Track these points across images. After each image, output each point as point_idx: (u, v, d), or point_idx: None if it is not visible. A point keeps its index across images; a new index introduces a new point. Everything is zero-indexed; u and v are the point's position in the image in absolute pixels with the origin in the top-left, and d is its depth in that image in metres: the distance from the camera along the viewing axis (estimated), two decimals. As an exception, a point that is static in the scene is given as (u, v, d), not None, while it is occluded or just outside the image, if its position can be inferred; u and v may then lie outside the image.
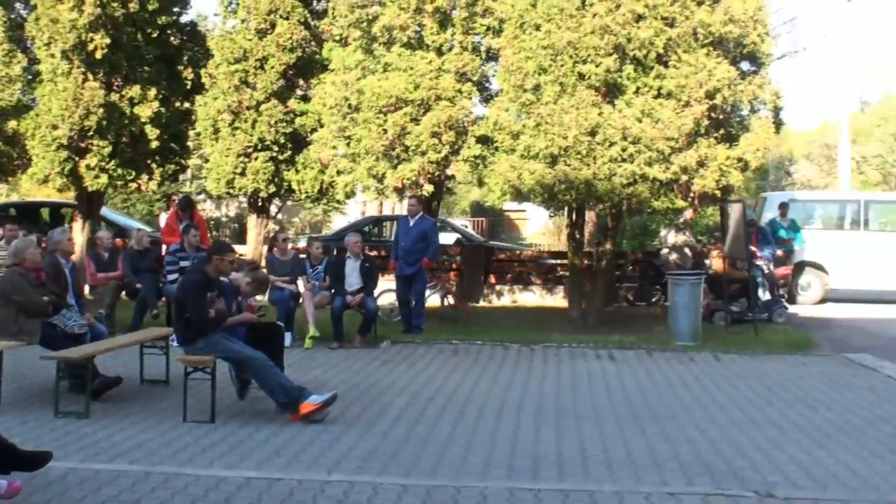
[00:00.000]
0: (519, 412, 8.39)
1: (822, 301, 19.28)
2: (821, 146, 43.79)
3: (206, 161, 17.96)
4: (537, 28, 13.14)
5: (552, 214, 16.51)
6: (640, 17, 12.74)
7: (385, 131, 13.72)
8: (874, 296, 19.11)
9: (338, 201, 20.62)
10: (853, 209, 20.36)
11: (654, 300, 18.20)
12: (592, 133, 12.70)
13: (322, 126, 15.21)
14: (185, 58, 17.91)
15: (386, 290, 14.62)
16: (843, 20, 30.70)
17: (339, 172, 14.77)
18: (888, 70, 74.88)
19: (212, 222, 33.25)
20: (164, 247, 14.43)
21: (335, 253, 15.77)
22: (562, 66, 12.90)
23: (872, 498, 5.93)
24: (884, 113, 48.73)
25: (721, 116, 13.15)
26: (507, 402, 8.83)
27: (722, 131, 13.22)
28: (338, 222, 37.09)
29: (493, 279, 19.61)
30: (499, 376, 10.33)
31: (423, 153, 13.62)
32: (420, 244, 13.33)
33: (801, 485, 6.13)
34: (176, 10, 17.54)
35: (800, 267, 19.08)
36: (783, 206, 18.71)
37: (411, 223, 13.54)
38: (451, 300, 16.43)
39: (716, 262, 16.10)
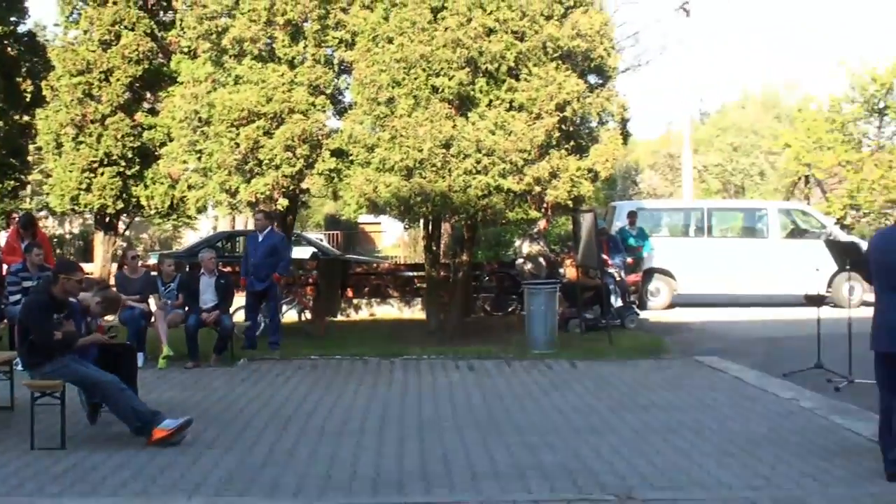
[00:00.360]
0: (382, 426, 8.34)
1: (671, 306, 19.94)
2: (665, 156, 45.42)
3: (49, 176, 17.25)
4: (390, 41, 13.15)
5: (407, 227, 16.56)
6: (491, 31, 12.90)
7: (237, 145, 13.46)
8: (720, 299, 19.88)
9: (189, 217, 20.14)
10: (697, 217, 21.17)
11: (510, 310, 18.44)
12: (447, 145, 12.78)
13: (171, 140, 14.81)
14: (24, 69, 17.19)
15: (241, 307, 14.33)
16: (684, 35, 31.92)
17: (190, 187, 14.41)
18: (725, 82, 78.24)
19: (55, 240, 31.97)
20: (4, 267, 13.75)
21: (188, 269, 15.37)
22: (415, 79, 12.94)
23: (726, 495, 6.13)
24: (721, 124, 50.96)
25: (571, 128, 13.44)
26: (369, 417, 8.76)
27: (573, 143, 13.51)
28: (189, 238, 36.23)
29: (350, 293, 19.48)
30: (359, 391, 10.25)
31: (277, 167, 13.42)
32: (270, 259, 13.15)
33: (659, 486, 6.29)
34: (13, 19, 16.83)
35: (649, 273, 19.68)
36: (632, 215, 19.27)
37: (260, 238, 13.36)
38: (308, 315, 16.24)
39: (569, 271, 16.44)
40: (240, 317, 13.58)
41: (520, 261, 16.68)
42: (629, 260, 17.82)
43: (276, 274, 13.20)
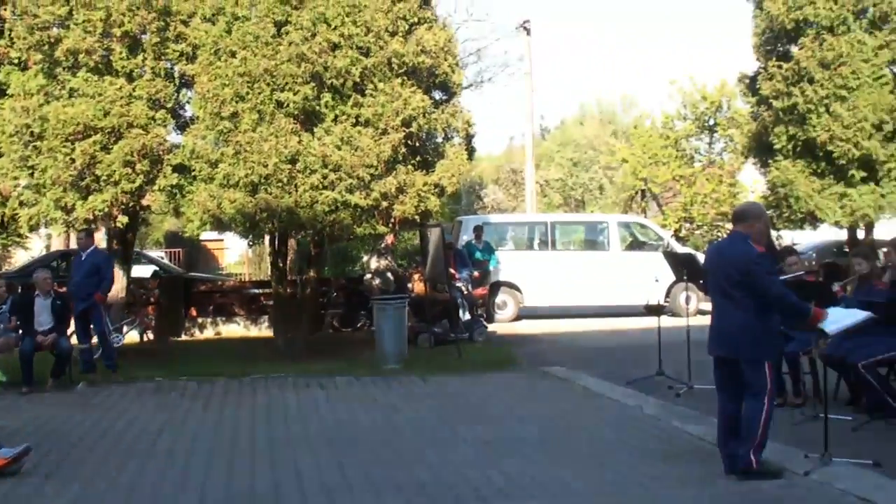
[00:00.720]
0: (231, 448, 8.13)
1: (518, 318, 20.27)
2: (508, 171, 46.21)
3: None
4: (233, 55, 12.90)
5: (252, 243, 16.27)
6: (336, 47, 12.83)
7: (73, 160, 12.91)
8: (564, 311, 20.34)
9: (20, 235, 19.20)
10: (541, 230, 21.61)
11: (359, 325, 18.36)
12: (293, 161, 12.62)
13: (1, 155, 14.08)
14: None
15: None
16: (524, 52, 32.52)
17: (21, 204, 13.72)
18: (565, 99, 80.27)
19: None
20: None
21: (20, 290, 14.64)
22: (259, 93, 12.74)
23: (578, 503, 6.24)
24: (562, 139, 52.28)
25: (417, 144, 13.49)
26: (217, 439, 8.53)
27: (419, 158, 13.57)
28: (20, 257, 34.58)
29: (193, 312, 19.00)
30: (206, 413, 9.98)
31: (116, 183, 12.94)
32: (92, 279, 12.70)
33: (513, 496, 6.35)
34: None
35: (496, 287, 19.97)
36: (478, 229, 19.52)
37: (83, 257, 12.92)
38: (150, 335, 15.73)
39: (418, 286, 16.50)
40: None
41: (368, 276, 16.64)
42: (476, 274, 18.04)
43: (98, 294, 12.74)
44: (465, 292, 16.59)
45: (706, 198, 28.50)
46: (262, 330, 18.60)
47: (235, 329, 18.94)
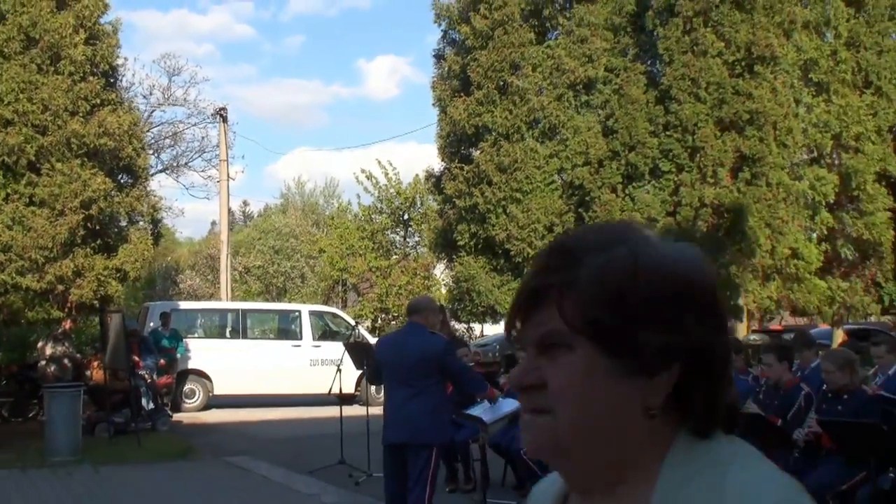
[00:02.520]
0: None
1: (207, 407, 19.84)
2: (206, 257, 45.51)
3: None
4: None
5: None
6: (8, 123, 12.32)
7: None
8: (255, 399, 20.14)
9: None
10: (233, 318, 21.39)
11: (31, 415, 17.25)
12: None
13: None
14: None
15: None
16: (221, 139, 32.48)
17: None
18: (270, 187, 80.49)
19: None
20: None
21: None
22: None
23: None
24: (264, 227, 52.23)
25: (98, 226, 13.13)
26: None
27: (100, 241, 13.20)
28: None
29: None
30: None
31: None
32: None
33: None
34: None
35: (184, 375, 19.48)
36: (165, 316, 19.05)
37: None
38: None
39: (97, 373, 15.82)
40: None
41: (42, 362, 15.77)
42: (161, 361, 17.54)
43: None
44: (149, 380, 16.09)
45: (401, 289, 29.43)
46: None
47: None
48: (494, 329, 26.39)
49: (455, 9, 20.77)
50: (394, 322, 30.52)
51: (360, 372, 18.46)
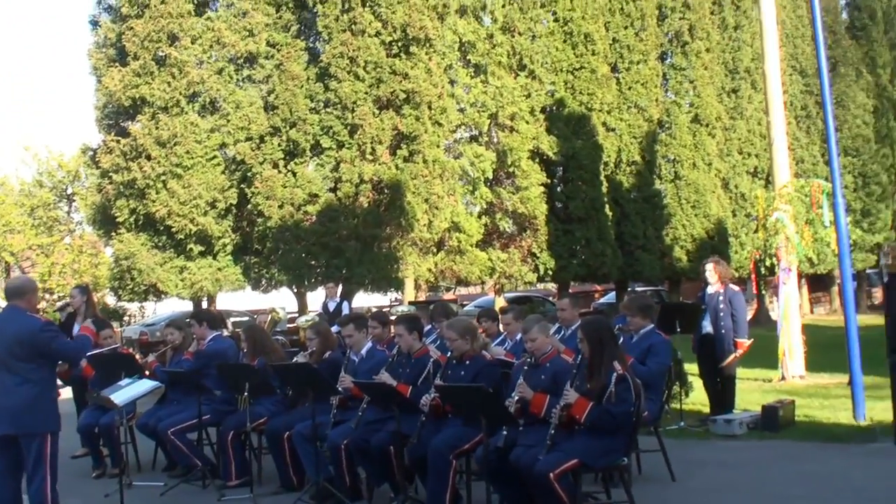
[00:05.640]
0: None
1: None
2: None
3: None
4: None
5: None
6: None
7: None
8: None
9: None
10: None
11: None
12: None
13: None
14: None
15: None
16: None
17: None
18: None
19: None
20: None
21: None
22: None
23: None
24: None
25: None
26: None
27: None
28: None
29: None
30: None
31: None
32: None
33: None
34: None
35: None
36: None
37: None
38: None
39: None
40: None
41: None
42: None
43: None
44: None
45: (65, 268, 27.96)
46: None
47: None
48: (168, 308, 25.65)
49: (110, -27, 19.87)
50: (60, 303, 28.85)
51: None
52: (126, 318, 28.71)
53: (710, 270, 9.97)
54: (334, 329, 9.66)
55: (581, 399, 6.07)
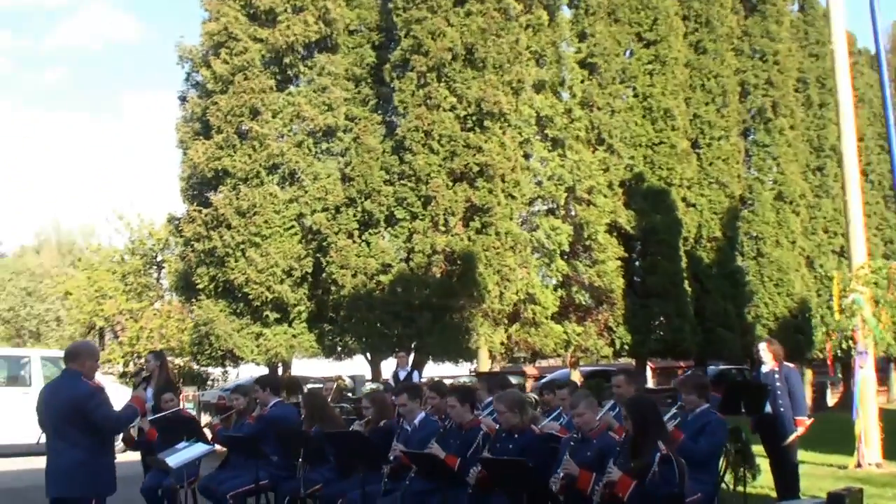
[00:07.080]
0: None
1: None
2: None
3: None
4: None
5: None
6: None
7: None
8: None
9: None
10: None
11: None
12: None
13: None
14: None
15: None
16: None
17: None
18: (23, 225, 76.47)
19: None
20: None
21: None
22: None
23: None
24: (15, 267, 49.59)
25: None
26: None
27: None
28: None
29: None
30: None
31: None
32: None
33: None
34: None
35: None
36: None
37: None
38: None
39: None
40: None
41: None
42: None
43: None
44: None
45: (153, 333, 28.56)
46: None
47: None
48: (250, 372, 25.97)
49: (198, 51, 20.63)
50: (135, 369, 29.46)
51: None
52: (210, 383, 29.16)
53: (764, 349, 9.97)
54: (396, 398, 9.71)
55: (624, 477, 6.00)
